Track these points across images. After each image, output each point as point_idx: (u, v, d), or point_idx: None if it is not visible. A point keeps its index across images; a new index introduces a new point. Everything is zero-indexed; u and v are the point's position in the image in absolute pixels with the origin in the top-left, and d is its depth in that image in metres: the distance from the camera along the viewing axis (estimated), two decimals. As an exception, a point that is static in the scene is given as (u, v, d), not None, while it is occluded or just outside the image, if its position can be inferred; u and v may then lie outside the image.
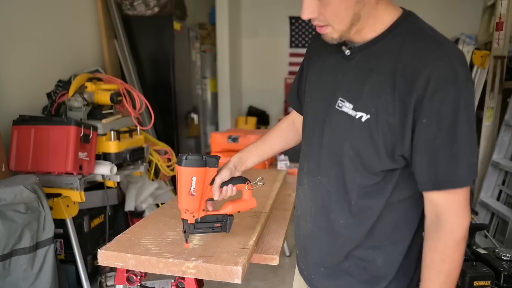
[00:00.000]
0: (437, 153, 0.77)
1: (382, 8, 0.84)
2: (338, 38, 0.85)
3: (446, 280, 0.81)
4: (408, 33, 0.82)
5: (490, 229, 2.82)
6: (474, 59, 3.16)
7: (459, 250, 0.80)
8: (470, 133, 0.76)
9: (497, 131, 2.98)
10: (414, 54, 0.78)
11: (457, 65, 0.75)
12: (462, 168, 0.77)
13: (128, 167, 2.62)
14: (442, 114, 0.75)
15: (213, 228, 1.20)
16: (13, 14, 2.43)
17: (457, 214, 0.79)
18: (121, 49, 3.43)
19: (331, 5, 0.81)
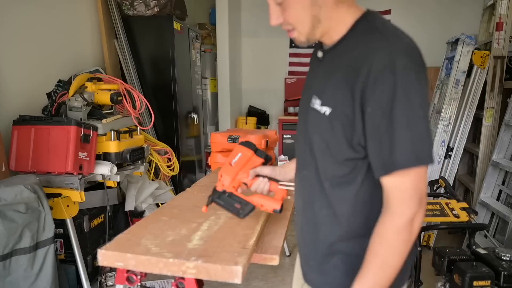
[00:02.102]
0: (381, 140, 0.80)
1: (343, 10, 0.89)
2: (305, 41, 0.92)
3: (382, 264, 0.82)
4: (363, 31, 0.87)
5: (490, 229, 2.82)
6: (474, 59, 3.16)
7: (400, 238, 0.81)
8: (413, 119, 0.78)
9: (497, 131, 2.98)
10: (362, 48, 0.83)
11: (396, 54, 0.79)
12: (399, 153, 0.78)
13: (128, 167, 2.62)
14: (382, 102, 0.78)
15: (232, 208, 1.26)
16: (13, 14, 2.43)
17: (402, 201, 0.81)
18: (121, 49, 3.43)
19: (290, 10, 0.88)
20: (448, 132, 3.33)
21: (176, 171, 3.32)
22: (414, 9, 5.15)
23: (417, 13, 5.14)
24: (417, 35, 4.31)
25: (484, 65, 3.09)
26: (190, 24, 4.23)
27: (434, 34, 4.95)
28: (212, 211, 1.58)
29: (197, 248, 1.23)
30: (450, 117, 3.32)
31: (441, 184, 3.02)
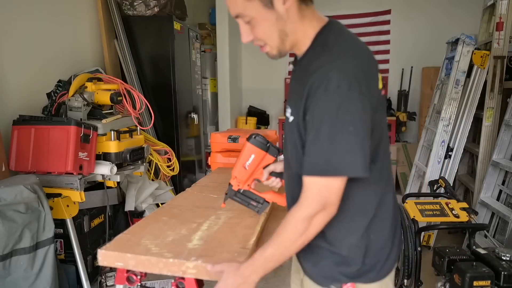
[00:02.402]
0: (308, 145, 0.91)
1: (307, 23, 0.97)
2: (277, 54, 1.01)
3: (279, 244, 0.96)
4: (318, 45, 0.96)
5: (490, 229, 2.82)
6: (474, 59, 3.16)
7: (296, 228, 0.93)
8: (337, 134, 0.86)
9: (497, 131, 2.98)
10: (313, 62, 0.92)
11: (333, 72, 0.86)
12: (312, 162, 0.89)
13: (128, 167, 2.62)
14: (314, 115, 0.88)
15: (249, 204, 1.36)
16: (13, 14, 2.43)
17: (306, 199, 0.92)
18: (121, 49, 3.43)
19: (258, 27, 0.96)
20: (448, 132, 3.33)
21: (176, 171, 3.32)
22: (414, 9, 5.15)
23: (417, 13, 5.14)
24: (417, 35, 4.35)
25: (484, 65, 3.09)
26: (190, 24, 4.23)
27: (434, 34, 4.96)
28: (212, 211, 1.58)
29: (197, 248, 1.23)
30: (450, 117, 3.31)
31: (441, 184, 3.02)
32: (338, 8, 5.38)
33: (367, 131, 0.88)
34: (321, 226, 0.94)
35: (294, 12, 0.95)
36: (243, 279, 1.00)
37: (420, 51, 5.09)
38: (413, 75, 5.13)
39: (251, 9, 0.94)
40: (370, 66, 0.97)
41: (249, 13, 0.95)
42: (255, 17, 0.95)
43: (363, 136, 0.87)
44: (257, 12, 0.94)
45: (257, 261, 1.00)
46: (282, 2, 0.93)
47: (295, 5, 0.95)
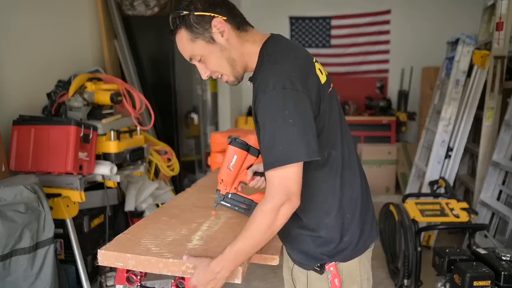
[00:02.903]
0: (261, 146, 1.02)
1: (249, 45, 1.12)
2: (235, 79, 1.16)
3: (248, 236, 1.03)
4: (260, 59, 1.09)
5: (490, 229, 2.81)
6: (474, 59, 3.15)
7: (264, 220, 1.00)
8: (279, 129, 0.97)
9: (497, 131, 2.97)
10: (258, 74, 1.07)
11: (269, 77, 1.00)
12: (266, 157, 1.00)
13: (128, 167, 2.62)
14: (260, 116, 1.01)
15: (239, 208, 1.37)
16: (13, 15, 2.43)
17: (270, 192, 0.99)
18: (121, 49, 3.43)
19: (209, 62, 1.12)
20: (448, 132, 3.33)
21: (176, 171, 3.32)
22: (414, 9, 5.15)
23: (417, 13, 5.14)
24: (417, 35, 4.35)
25: (484, 65, 3.08)
26: (190, 24, 4.22)
27: (434, 34, 4.95)
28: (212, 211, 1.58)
29: (197, 248, 1.23)
30: (450, 117, 3.31)
31: (441, 184, 3.03)
32: (338, 8, 5.38)
33: (307, 121, 0.99)
34: (287, 217, 1.01)
35: (234, 40, 1.10)
36: (213, 275, 1.06)
37: (420, 51, 5.09)
38: (413, 75, 5.13)
39: (198, 49, 1.10)
40: (306, 65, 1.08)
41: (197, 53, 1.11)
42: (203, 54, 1.11)
43: (304, 125, 0.97)
44: (204, 49, 1.10)
45: (227, 256, 1.05)
46: (221, 35, 1.08)
47: (233, 34, 1.10)
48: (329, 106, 1.10)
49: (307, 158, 0.97)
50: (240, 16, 1.13)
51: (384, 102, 5.11)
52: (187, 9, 1.07)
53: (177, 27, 1.10)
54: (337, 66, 5.52)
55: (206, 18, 1.07)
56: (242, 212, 1.37)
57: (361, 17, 5.35)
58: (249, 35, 1.13)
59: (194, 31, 1.08)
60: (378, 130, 4.99)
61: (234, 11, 1.12)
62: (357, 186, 1.16)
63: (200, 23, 1.07)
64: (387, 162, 4.71)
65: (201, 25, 1.07)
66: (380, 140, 4.96)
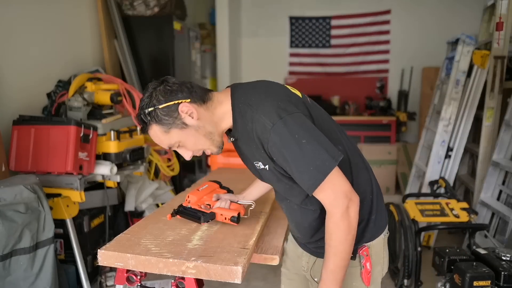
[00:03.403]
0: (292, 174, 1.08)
1: (219, 109, 1.16)
2: (218, 150, 1.21)
3: (335, 252, 1.07)
4: (242, 112, 1.12)
5: (490, 229, 2.81)
6: (474, 59, 3.15)
7: (340, 229, 1.05)
8: (299, 152, 1.02)
9: (497, 131, 2.97)
10: (246, 124, 1.10)
11: (261, 118, 1.05)
12: (306, 180, 1.05)
13: (128, 167, 2.62)
14: (275, 153, 1.06)
15: (194, 217, 1.38)
16: (13, 15, 2.43)
17: (331, 204, 1.05)
18: (121, 49, 3.42)
19: (188, 144, 1.16)
20: (448, 132, 3.33)
21: (176, 171, 3.32)
22: (414, 9, 5.15)
23: (417, 13, 5.14)
24: (417, 35, 4.36)
25: (484, 65, 3.08)
26: (190, 24, 4.23)
27: (434, 34, 4.95)
28: (212, 211, 1.58)
29: (197, 248, 1.23)
30: (450, 117, 3.31)
31: (441, 184, 3.02)
32: (338, 8, 5.38)
33: (316, 133, 1.05)
34: (357, 214, 1.06)
35: (204, 115, 1.14)
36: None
37: (420, 51, 5.08)
38: (413, 75, 5.13)
39: (174, 137, 1.14)
40: (280, 90, 1.15)
41: (175, 141, 1.15)
42: (181, 140, 1.15)
43: (315, 138, 1.04)
44: (180, 136, 1.14)
45: (327, 280, 1.09)
46: (191, 118, 1.12)
47: (201, 110, 1.14)
48: (317, 112, 1.17)
49: (336, 162, 1.03)
50: (199, 89, 1.16)
51: (384, 102, 5.11)
52: (151, 105, 1.11)
53: (148, 124, 1.13)
54: (337, 66, 5.52)
55: (172, 107, 1.11)
56: (196, 219, 1.38)
57: (361, 17, 5.35)
58: (214, 101, 1.17)
59: (165, 123, 1.12)
60: (378, 130, 4.99)
61: (192, 88, 1.15)
62: (367, 167, 1.24)
63: (168, 114, 1.11)
64: (387, 162, 4.70)
65: (169, 115, 1.11)
66: (380, 140, 4.95)
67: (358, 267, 1.18)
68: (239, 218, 1.37)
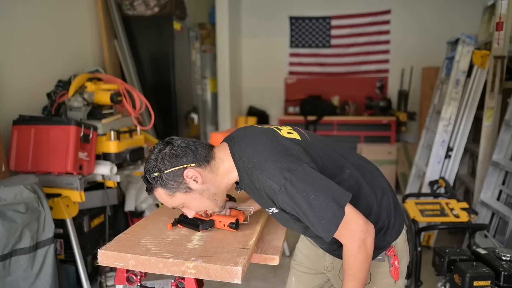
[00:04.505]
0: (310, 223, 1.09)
1: (221, 168, 1.19)
2: (220, 209, 1.25)
3: (354, 279, 1.11)
4: (245, 170, 1.15)
5: (490, 229, 2.81)
6: (474, 59, 3.15)
7: (358, 260, 1.09)
8: (311, 203, 1.05)
9: (497, 131, 2.97)
10: (254, 182, 1.12)
11: (269, 182, 1.08)
12: (322, 230, 1.07)
13: (128, 167, 2.62)
14: (288, 207, 1.09)
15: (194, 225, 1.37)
16: (13, 15, 2.43)
17: (348, 240, 1.09)
18: (121, 49, 3.42)
19: (192, 206, 1.20)
20: (448, 132, 3.32)
21: (176, 171, 3.31)
22: (414, 9, 5.15)
23: (417, 13, 5.14)
24: (417, 35, 4.36)
25: (484, 65, 3.08)
26: (190, 24, 4.23)
27: (434, 34, 4.95)
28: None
29: (197, 248, 1.23)
30: (450, 117, 3.31)
31: (441, 184, 3.02)
32: (338, 8, 5.38)
33: (321, 182, 1.07)
34: (373, 242, 1.10)
35: (208, 178, 1.17)
36: None
37: (420, 51, 5.08)
38: (413, 75, 5.13)
39: (178, 200, 1.17)
40: (276, 140, 1.16)
41: (179, 203, 1.18)
42: (184, 202, 1.18)
43: (322, 187, 1.06)
44: (184, 199, 1.17)
45: None
46: (195, 182, 1.15)
47: (206, 173, 1.16)
48: (318, 147, 1.20)
49: (345, 202, 1.06)
50: (202, 149, 1.18)
51: (384, 102, 5.11)
52: (157, 170, 1.13)
53: (153, 186, 1.16)
54: (337, 66, 5.52)
55: (177, 172, 1.13)
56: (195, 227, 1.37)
57: (361, 17, 5.35)
58: (217, 160, 1.19)
59: (170, 188, 1.14)
60: (378, 130, 4.99)
61: (197, 151, 1.17)
62: (378, 174, 1.28)
63: (174, 179, 1.14)
64: (387, 162, 4.70)
65: (174, 180, 1.14)
66: (380, 140, 4.96)
67: (387, 265, 1.23)
68: (237, 225, 1.36)
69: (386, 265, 1.23)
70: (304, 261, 1.44)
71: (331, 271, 1.32)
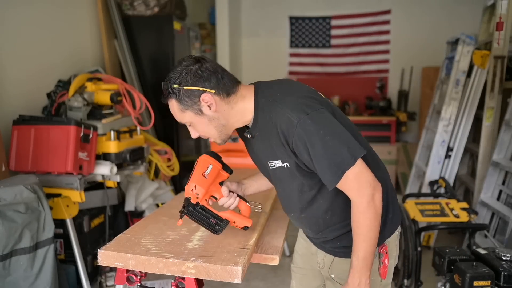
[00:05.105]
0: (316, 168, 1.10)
1: (240, 104, 1.18)
2: (221, 142, 1.24)
3: (364, 239, 1.10)
4: (261, 107, 1.16)
5: (490, 229, 2.81)
6: (474, 59, 3.15)
7: (367, 216, 1.09)
8: (324, 146, 1.05)
9: (497, 131, 2.97)
10: (269, 119, 1.13)
11: (287, 113, 1.08)
12: (329, 174, 1.07)
13: (128, 167, 2.62)
14: (300, 147, 1.08)
15: (207, 223, 1.26)
16: (13, 15, 2.43)
17: (356, 194, 1.09)
18: (121, 49, 3.42)
19: (197, 128, 1.21)
20: (448, 132, 3.32)
21: (176, 171, 3.32)
22: (414, 9, 5.15)
23: (417, 13, 5.14)
24: (417, 35, 4.36)
25: (484, 65, 3.08)
26: (190, 24, 4.23)
27: (434, 34, 4.95)
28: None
29: (197, 248, 1.23)
30: (450, 117, 3.31)
31: (441, 184, 3.02)
32: (338, 8, 5.38)
33: (340, 129, 1.09)
34: (381, 201, 1.10)
35: (223, 109, 1.16)
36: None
37: (420, 51, 5.08)
38: (413, 75, 5.13)
39: (187, 118, 1.18)
40: (303, 87, 1.20)
41: (187, 120, 1.19)
42: (192, 122, 1.19)
43: (339, 133, 1.08)
44: (192, 119, 1.18)
45: (357, 266, 1.12)
46: (209, 108, 1.15)
47: (222, 103, 1.16)
48: (339, 112, 1.22)
49: (356, 159, 1.06)
50: (228, 81, 1.17)
51: (384, 102, 5.11)
52: (178, 82, 1.13)
53: (169, 95, 1.17)
54: (337, 66, 5.52)
55: (195, 92, 1.13)
56: (208, 228, 1.27)
57: (361, 17, 5.35)
58: (238, 95, 1.19)
59: (183, 103, 1.15)
60: (378, 130, 4.99)
61: (223, 80, 1.16)
62: (382, 167, 1.27)
63: (190, 97, 1.14)
64: (387, 162, 4.70)
65: (190, 98, 1.14)
66: (380, 140, 4.95)
67: (377, 263, 1.23)
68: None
69: (376, 262, 1.22)
70: (301, 263, 1.45)
71: (323, 267, 1.33)
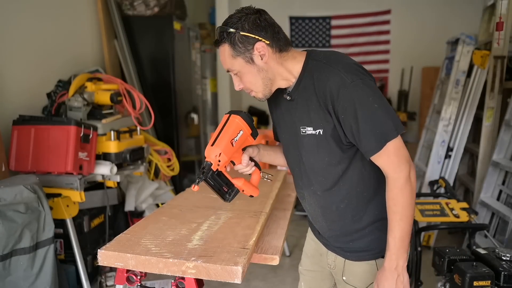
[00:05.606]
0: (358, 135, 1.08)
1: (290, 63, 1.18)
2: (263, 97, 1.23)
3: (402, 217, 1.09)
4: (312, 68, 1.16)
5: (490, 229, 2.81)
6: (474, 59, 3.15)
7: (404, 194, 1.08)
8: (370, 113, 1.06)
9: (497, 131, 2.97)
10: (318, 79, 1.12)
11: (341, 74, 1.08)
12: (370, 142, 1.07)
13: (128, 167, 2.62)
14: (347, 110, 1.07)
15: (220, 190, 1.24)
16: (13, 15, 2.43)
17: (394, 169, 1.08)
18: (121, 49, 3.43)
19: (244, 78, 1.19)
20: (448, 132, 3.33)
21: (176, 171, 3.32)
22: (414, 9, 5.15)
23: (417, 13, 5.14)
24: (417, 35, 4.36)
25: (484, 65, 3.09)
26: (190, 24, 4.22)
27: (434, 34, 4.95)
28: (212, 211, 1.58)
29: (197, 248, 1.23)
30: (450, 117, 3.31)
31: (441, 184, 3.02)
32: (338, 8, 5.38)
33: (387, 102, 1.09)
34: (415, 181, 1.10)
35: (273, 62, 1.16)
36: (395, 273, 1.11)
37: (420, 51, 5.08)
38: (413, 75, 5.13)
39: (236, 65, 1.17)
40: (355, 61, 1.17)
41: (236, 68, 1.18)
42: (240, 71, 1.18)
43: (386, 106, 1.08)
44: (242, 67, 1.17)
45: (394, 247, 1.10)
46: (260, 58, 1.14)
47: (273, 57, 1.16)
48: None
49: (399, 133, 1.07)
50: (283, 39, 1.17)
51: (384, 102, 5.11)
52: (235, 27, 1.14)
53: (222, 40, 1.16)
54: (337, 66, 5.52)
55: (250, 39, 1.13)
56: (219, 194, 1.23)
57: (361, 17, 5.35)
58: (289, 54, 1.18)
59: (236, 49, 1.15)
60: (378, 130, 4.98)
61: (278, 35, 1.16)
62: None
63: (244, 43, 1.14)
64: (387, 162, 4.70)
65: (244, 45, 1.14)
66: (380, 140, 4.95)
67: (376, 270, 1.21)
68: None
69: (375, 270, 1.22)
70: (310, 265, 1.44)
71: (334, 269, 1.32)
